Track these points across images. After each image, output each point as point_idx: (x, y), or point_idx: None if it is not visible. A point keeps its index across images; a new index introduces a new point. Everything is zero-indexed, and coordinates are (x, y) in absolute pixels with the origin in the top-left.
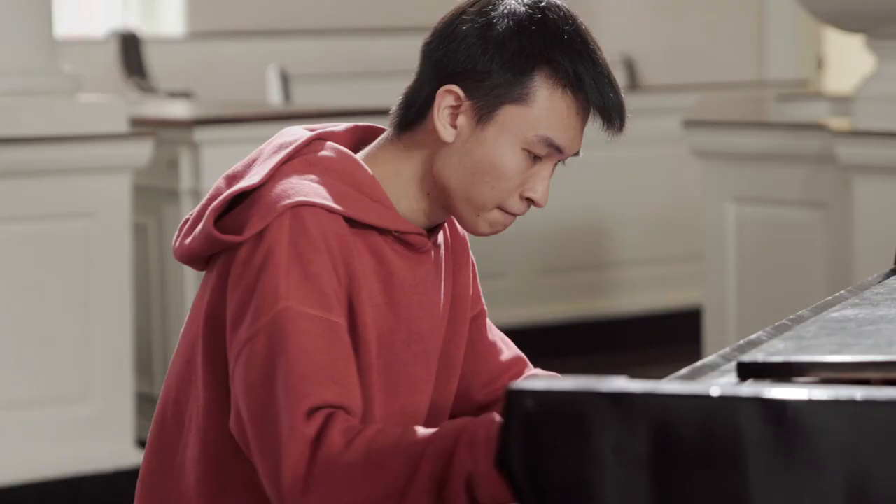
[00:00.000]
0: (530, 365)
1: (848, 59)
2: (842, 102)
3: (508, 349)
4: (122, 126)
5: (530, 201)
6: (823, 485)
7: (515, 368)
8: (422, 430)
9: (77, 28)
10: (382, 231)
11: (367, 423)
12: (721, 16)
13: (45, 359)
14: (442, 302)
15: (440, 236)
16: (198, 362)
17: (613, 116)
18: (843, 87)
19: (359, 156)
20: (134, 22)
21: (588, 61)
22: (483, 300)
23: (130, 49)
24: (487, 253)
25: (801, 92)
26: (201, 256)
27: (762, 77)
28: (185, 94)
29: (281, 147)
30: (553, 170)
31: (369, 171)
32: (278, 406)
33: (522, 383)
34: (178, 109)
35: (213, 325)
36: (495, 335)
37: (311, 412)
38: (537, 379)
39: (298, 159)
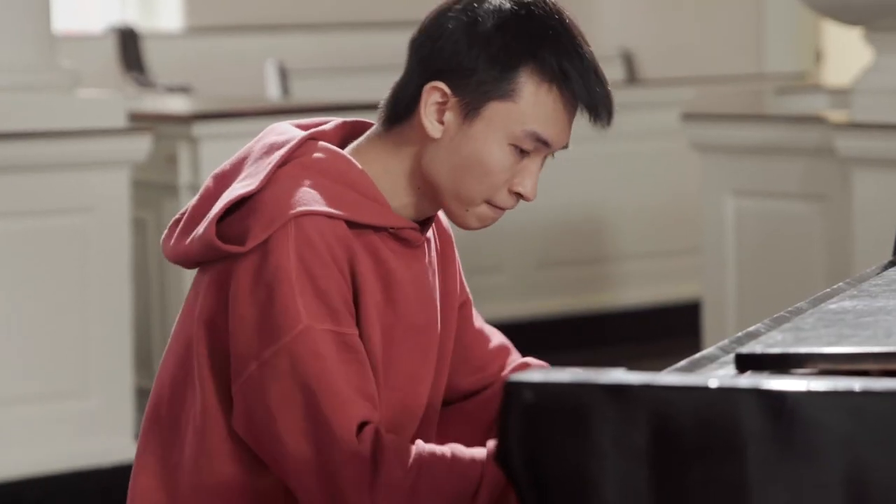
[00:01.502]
0: (516, 352)
1: (846, 52)
2: (840, 95)
3: (495, 337)
4: (121, 121)
5: (519, 195)
6: (822, 475)
7: (503, 356)
8: (467, 452)
9: (75, 23)
10: (378, 229)
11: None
12: (719, 9)
13: (45, 354)
14: (437, 295)
15: (430, 232)
16: (195, 366)
17: (601, 111)
18: (842, 80)
19: (347, 152)
20: (132, 17)
21: (574, 56)
22: (468, 290)
23: (129, 44)
24: (486, 247)
25: (799, 85)
26: (197, 261)
27: (760, 70)
28: (183, 89)
29: (272, 147)
30: (542, 163)
31: (361, 168)
32: (317, 423)
33: (521, 376)
34: (177, 104)
35: (212, 331)
36: (481, 323)
37: (359, 429)
38: (535, 371)
39: (293, 163)
